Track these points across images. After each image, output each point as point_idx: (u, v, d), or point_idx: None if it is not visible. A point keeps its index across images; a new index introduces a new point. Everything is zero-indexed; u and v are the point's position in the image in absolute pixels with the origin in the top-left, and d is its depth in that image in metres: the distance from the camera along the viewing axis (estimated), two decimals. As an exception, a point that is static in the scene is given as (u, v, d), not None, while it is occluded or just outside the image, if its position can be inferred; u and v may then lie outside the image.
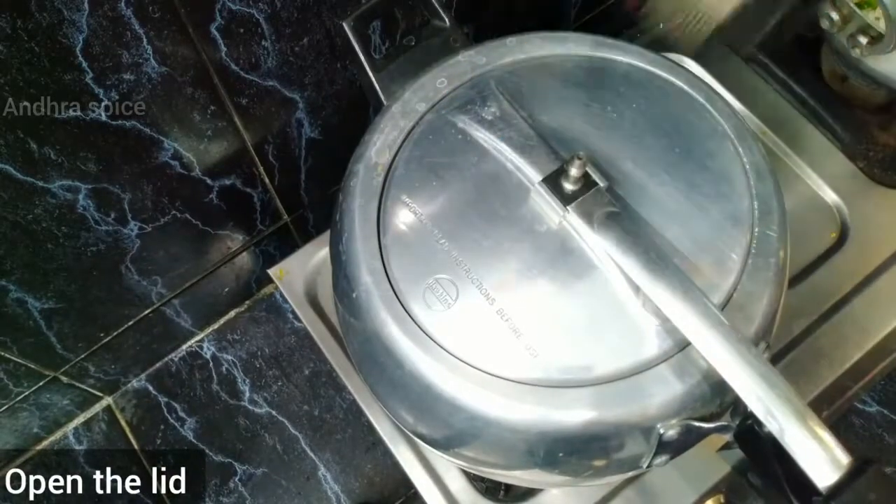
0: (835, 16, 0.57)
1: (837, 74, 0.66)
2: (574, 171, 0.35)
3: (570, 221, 0.36)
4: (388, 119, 0.40)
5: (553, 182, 0.36)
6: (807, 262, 0.59)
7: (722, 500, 0.53)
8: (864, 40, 0.56)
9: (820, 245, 0.60)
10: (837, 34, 0.58)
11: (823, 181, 0.63)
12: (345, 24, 0.44)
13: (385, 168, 0.39)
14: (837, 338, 0.57)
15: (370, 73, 0.45)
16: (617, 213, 0.36)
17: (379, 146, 0.40)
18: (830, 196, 0.62)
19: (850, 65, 0.62)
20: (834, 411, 0.56)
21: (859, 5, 0.55)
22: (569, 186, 0.36)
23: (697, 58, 0.68)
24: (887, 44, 0.55)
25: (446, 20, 0.46)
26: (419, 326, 0.35)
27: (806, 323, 0.57)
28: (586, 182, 0.36)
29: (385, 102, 0.44)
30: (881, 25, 0.54)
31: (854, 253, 0.60)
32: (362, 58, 0.45)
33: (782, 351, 0.56)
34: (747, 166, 0.39)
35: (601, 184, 0.36)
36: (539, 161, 0.38)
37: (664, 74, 0.42)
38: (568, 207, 0.36)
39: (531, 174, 0.37)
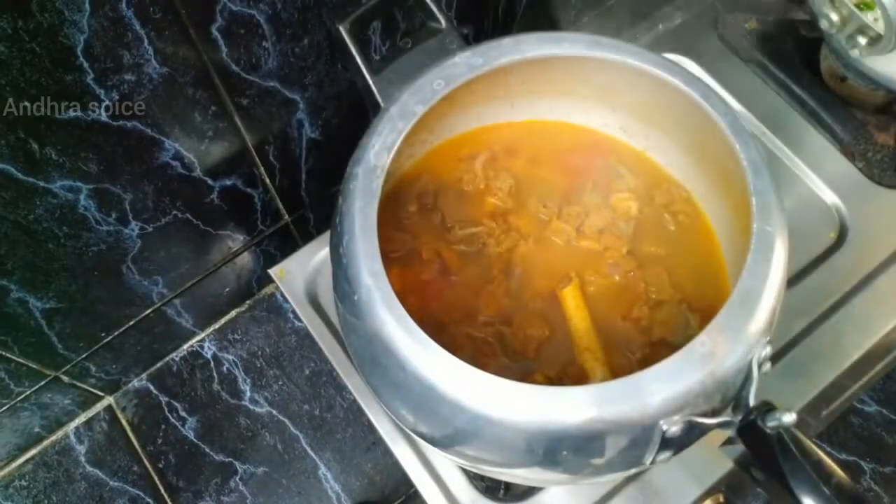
0: (834, 16, 0.57)
1: (836, 75, 0.66)
2: None
3: None
4: (385, 121, 0.40)
5: None
6: (806, 263, 0.59)
7: (721, 500, 0.53)
8: (862, 41, 0.56)
9: (819, 245, 0.60)
10: (836, 35, 0.59)
11: (822, 181, 0.63)
12: (341, 27, 0.44)
13: (384, 170, 0.39)
14: (836, 337, 0.57)
15: (367, 76, 0.45)
16: None
17: (378, 149, 0.39)
18: (829, 196, 0.62)
19: (849, 65, 0.62)
20: (833, 411, 0.56)
21: (858, 6, 0.55)
22: None
23: (697, 58, 0.68)
24: (886, 44, 0.55)
25: (442, 22, 0.46)
26: (420, 327, 0.35)
27: (805, 323, 0.57)
28: None
29: (382, 105, 0.43)
30: (880, 26, 0.54)
31: (853, 253, 0.60)
32: (359, 60, 0.45)
33: (782, 350, 0.56)
34: (744, 163, 0.39)
35: None
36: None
37: (660, 73, 0.42)
38: None
39: None
